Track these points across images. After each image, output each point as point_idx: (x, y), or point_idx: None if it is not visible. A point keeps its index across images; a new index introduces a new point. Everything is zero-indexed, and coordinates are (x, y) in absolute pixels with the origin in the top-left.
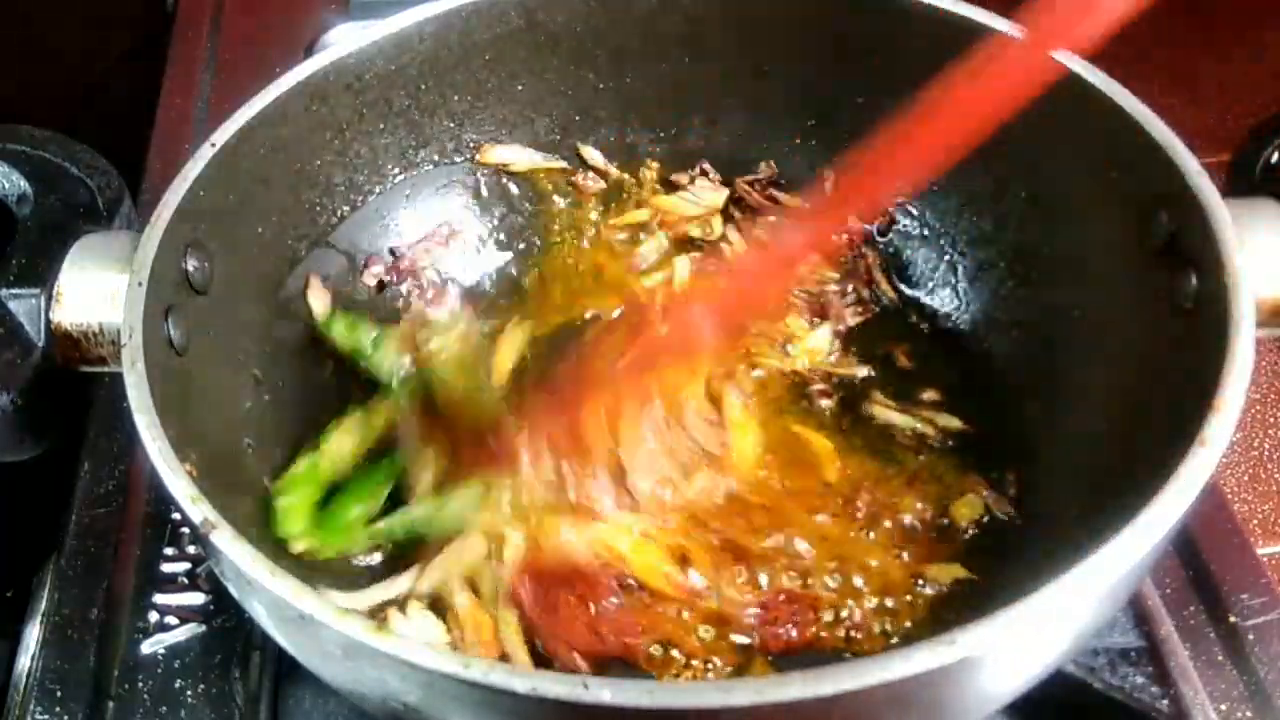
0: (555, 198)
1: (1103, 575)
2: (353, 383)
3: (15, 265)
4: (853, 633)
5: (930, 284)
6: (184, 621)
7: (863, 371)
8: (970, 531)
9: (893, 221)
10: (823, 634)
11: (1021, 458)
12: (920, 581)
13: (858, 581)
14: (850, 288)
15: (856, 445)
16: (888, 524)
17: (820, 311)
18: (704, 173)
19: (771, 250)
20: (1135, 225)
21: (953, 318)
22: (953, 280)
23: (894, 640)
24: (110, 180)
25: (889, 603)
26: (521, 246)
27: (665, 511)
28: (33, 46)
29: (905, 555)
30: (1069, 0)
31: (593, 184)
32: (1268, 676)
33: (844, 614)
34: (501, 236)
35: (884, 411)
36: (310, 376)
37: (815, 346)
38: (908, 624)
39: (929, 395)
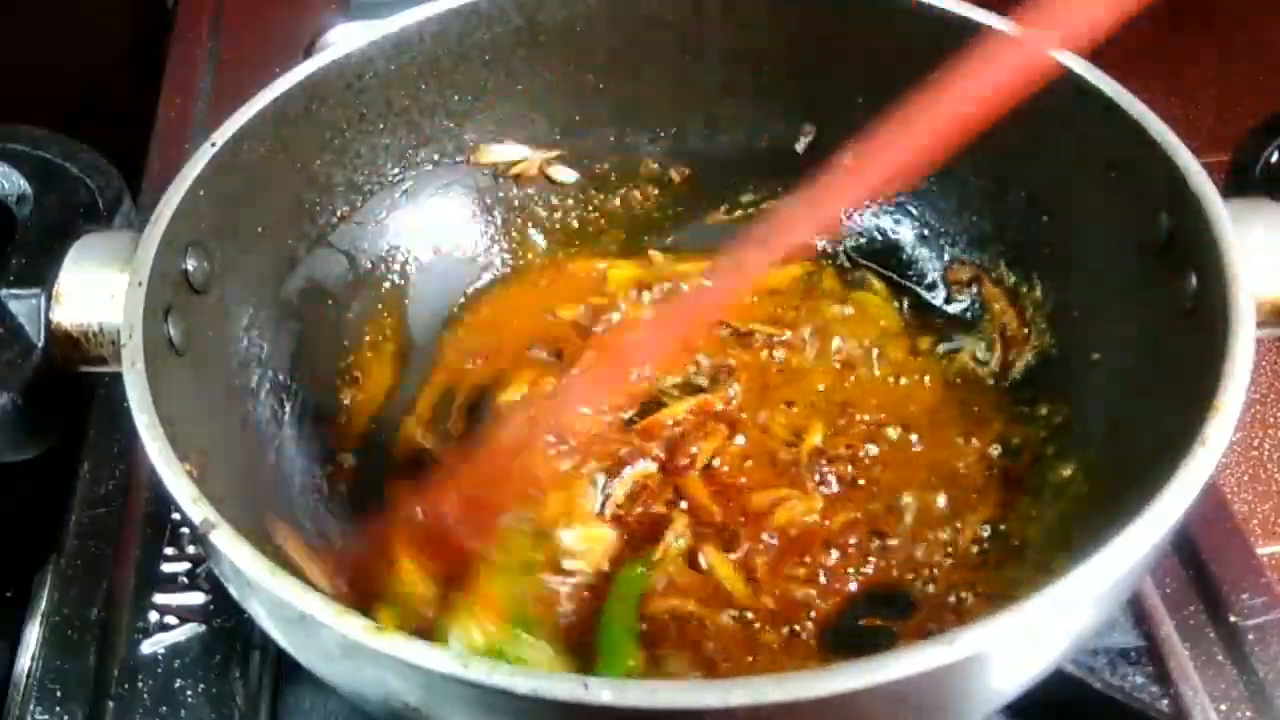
0: (554, 198)
1: (1103, 575)
2: (352, 382)
3: (15, 265)
4: None
5: (930, 284)
6: (184, 621)
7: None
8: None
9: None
10: None
11: None
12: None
13: None
14: None
15: None
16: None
17: None
18: None
19: (766, 245)
20: (1135, 225)
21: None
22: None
23: None
24: (110, 180)
25: None
26: (520, 246)
27: None
28: (33, 47)
29: None
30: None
31: (592, 188)
32: (1268, 676)
33: None
34: (501, 236)
35: None
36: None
37: None
38: None
39: None
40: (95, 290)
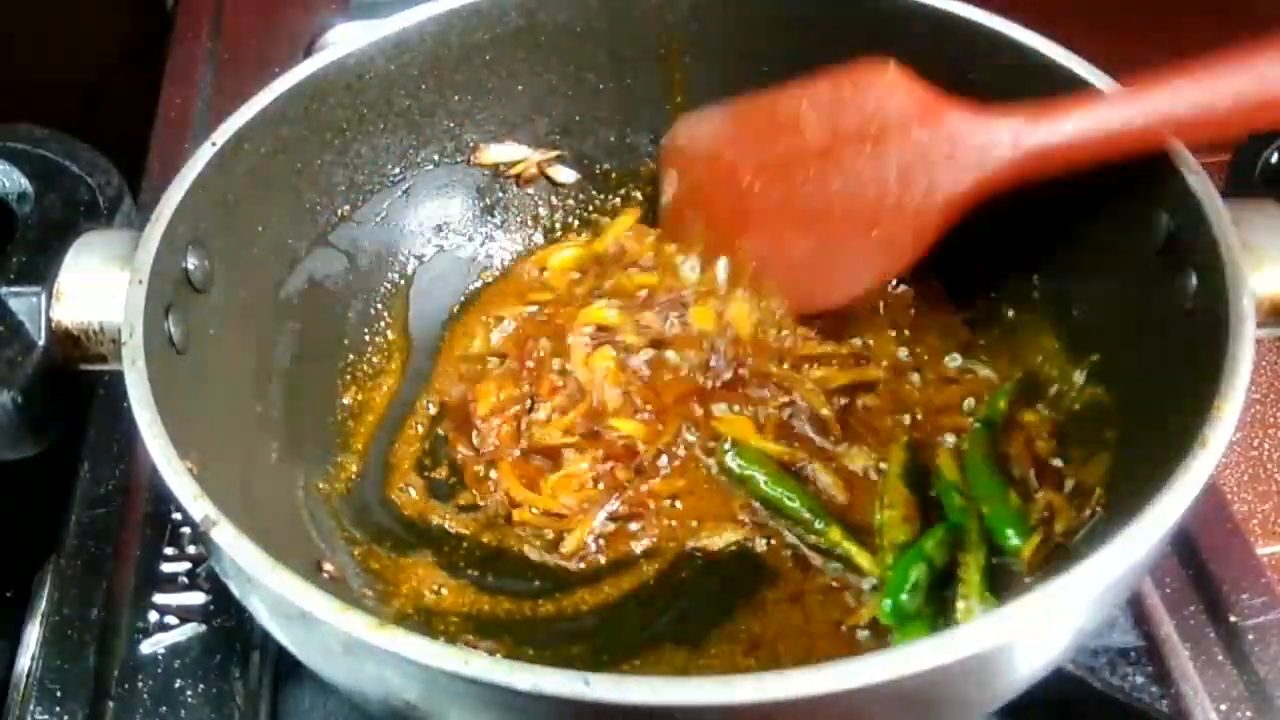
0: (554, 198)
1: (1103, 575)
2: (352, 382)
3: (16, 263)
4: None
5: None
6: (184, 621)
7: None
8: None
9: None
10: None
11: None
12: None
13: None
14: None
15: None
16: None
17: None
18: None
19: None
20: (1135, 226)
21: None
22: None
23: None
24: (111, 179)
25: None
26: (521, 246)
27: None
28: (33, 46)
29: None
30: None
31: (593, 188)
32: (1268, 676)
33: None
34: (501, 236)
35: None
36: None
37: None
38: None
39: None
40: (96, 288)
